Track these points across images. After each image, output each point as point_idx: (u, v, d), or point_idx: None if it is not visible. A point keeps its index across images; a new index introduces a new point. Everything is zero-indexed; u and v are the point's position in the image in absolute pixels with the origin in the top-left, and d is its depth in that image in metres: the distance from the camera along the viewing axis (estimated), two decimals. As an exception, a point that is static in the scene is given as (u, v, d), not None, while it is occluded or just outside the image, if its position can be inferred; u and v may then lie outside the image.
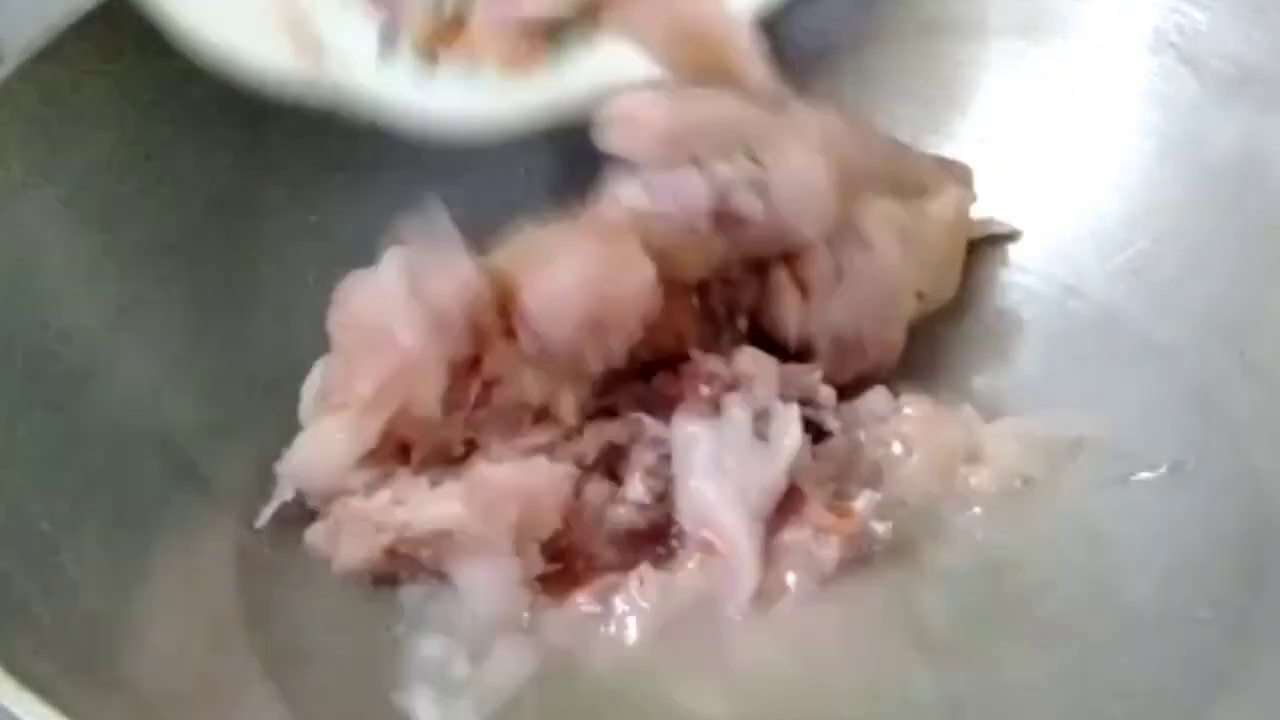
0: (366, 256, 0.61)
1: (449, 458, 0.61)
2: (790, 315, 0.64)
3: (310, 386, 0.63)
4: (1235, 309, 0.64)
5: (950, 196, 0.68)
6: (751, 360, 0.62)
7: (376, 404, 0.60)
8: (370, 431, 0.60)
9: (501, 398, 0.60)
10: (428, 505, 0.59)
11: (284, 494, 0.61)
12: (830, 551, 0.60)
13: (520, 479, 0.58)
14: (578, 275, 0.59)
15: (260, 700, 0.55)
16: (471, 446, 0.61)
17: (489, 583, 0.59)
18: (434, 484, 0.60)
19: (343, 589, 0.60)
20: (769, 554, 0.59)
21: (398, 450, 0.61)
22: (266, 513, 0.61)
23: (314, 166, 0.69)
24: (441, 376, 0.59)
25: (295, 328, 0.64)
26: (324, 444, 0.61)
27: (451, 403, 0.60)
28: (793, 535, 0.60)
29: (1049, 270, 0.70)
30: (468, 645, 0.58)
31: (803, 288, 0.64)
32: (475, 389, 0.60)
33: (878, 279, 0.64)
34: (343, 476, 0.60)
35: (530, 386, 0.60)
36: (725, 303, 0.65)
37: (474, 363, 0.60)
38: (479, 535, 0.58)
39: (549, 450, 0.60)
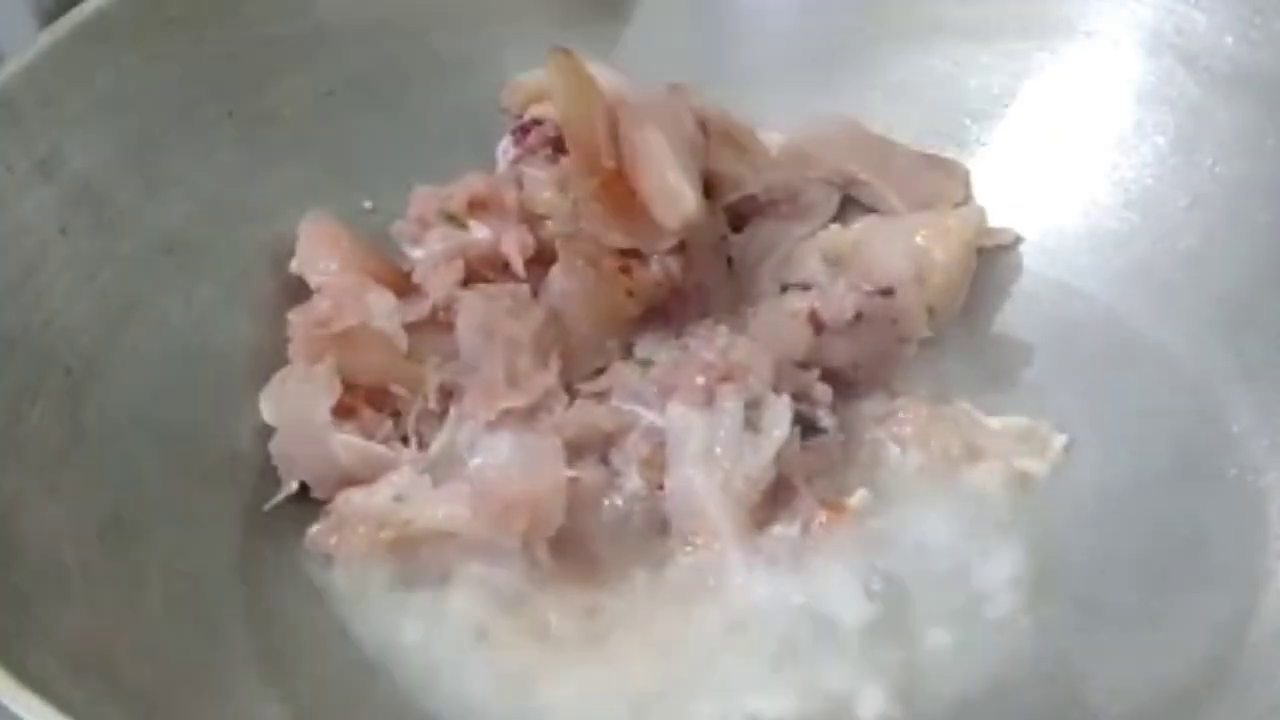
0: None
1: (428, 412, 0.62)
2: (796, 349, 0.64)
3: (268, 394, 0.63)
4: (1235, 309, 0.64)
5: (970, 213, 0.69)
6: (747, 351, 0.62)
7: (325, 339, 0.62)
8: (329, 374, 0.61)
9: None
10: (431, 505, 0.59)
11: (290, 485, 0.62)
12: (818, 546, 0.60)
13: (528, 486, 0.59)
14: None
15: (259, 699, 0.55)
16: (447, 400, 0.62)
17: (495, 577, 0.59)
18: (436, 482, 0.60)
19: (342, 588, 0.60)
20: (756, 545, 0.59)
21: (369, 400, 0.62)
22: (274, 500, 0.61)
23: (315, 165, 0.69)
24: (386, 301, 0.63)
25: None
26: (296, 399, 0.62)
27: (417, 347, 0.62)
28: (782, 529, 0.60)
29: (1049, 272, 0.70)
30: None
31: (816, 323, 0.64)
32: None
33: (893, 325, 0.65)
34: (325, 433, 0.61)
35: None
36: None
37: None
38: (486, 538, 0.58)
39: (529, 417, 0.60)
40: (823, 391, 0.63)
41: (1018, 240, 0.71)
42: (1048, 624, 0.58)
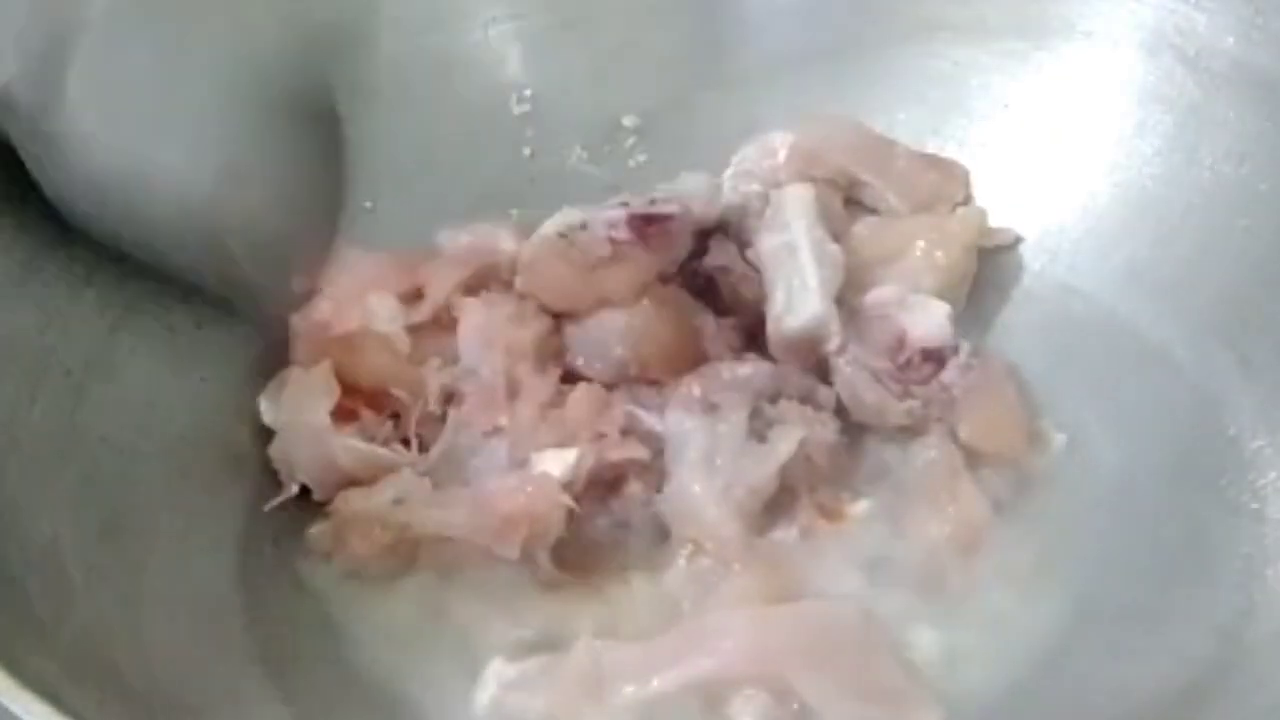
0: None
1: (428, 415, 0.62)
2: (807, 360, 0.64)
3: (268, 395, 0.63)
4: (1235, 309, 0.64)
5: (971, 214, 0.69)
6: (749, 362, 0.62)
7: (326, 341, 0.62)
8: (327, 376, 0.61)
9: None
10: (431, 510, 0.59)
11: (290, 488, 0.62)
12: (815, 549, 0.60)
13: (527, 499, 0.58)
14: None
15: (260, 700, 0.55)
16: (448, 403, 0.62)
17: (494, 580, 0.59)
18: (437, 485, 0.60)
19: (342, 589, 0.60)
20: (754, 551, 0.59)
21: (369, 402, 0.62)
22: (275, 501, 0.61)
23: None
24: (388, 304, 0.63)
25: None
26: (295, 401, 0.62)
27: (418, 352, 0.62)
28: (780, 534, 0.60)
29: (1049, 272, 0.70)
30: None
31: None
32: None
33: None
34: (324, 435, 0.61)
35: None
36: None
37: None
38: (485, 546, 0.58)
39: (530, 428, 0.60)
40: (825, 395, 0.63)
41: (1018, 240, 0.71)
42: (1048, 624, 0.58)
